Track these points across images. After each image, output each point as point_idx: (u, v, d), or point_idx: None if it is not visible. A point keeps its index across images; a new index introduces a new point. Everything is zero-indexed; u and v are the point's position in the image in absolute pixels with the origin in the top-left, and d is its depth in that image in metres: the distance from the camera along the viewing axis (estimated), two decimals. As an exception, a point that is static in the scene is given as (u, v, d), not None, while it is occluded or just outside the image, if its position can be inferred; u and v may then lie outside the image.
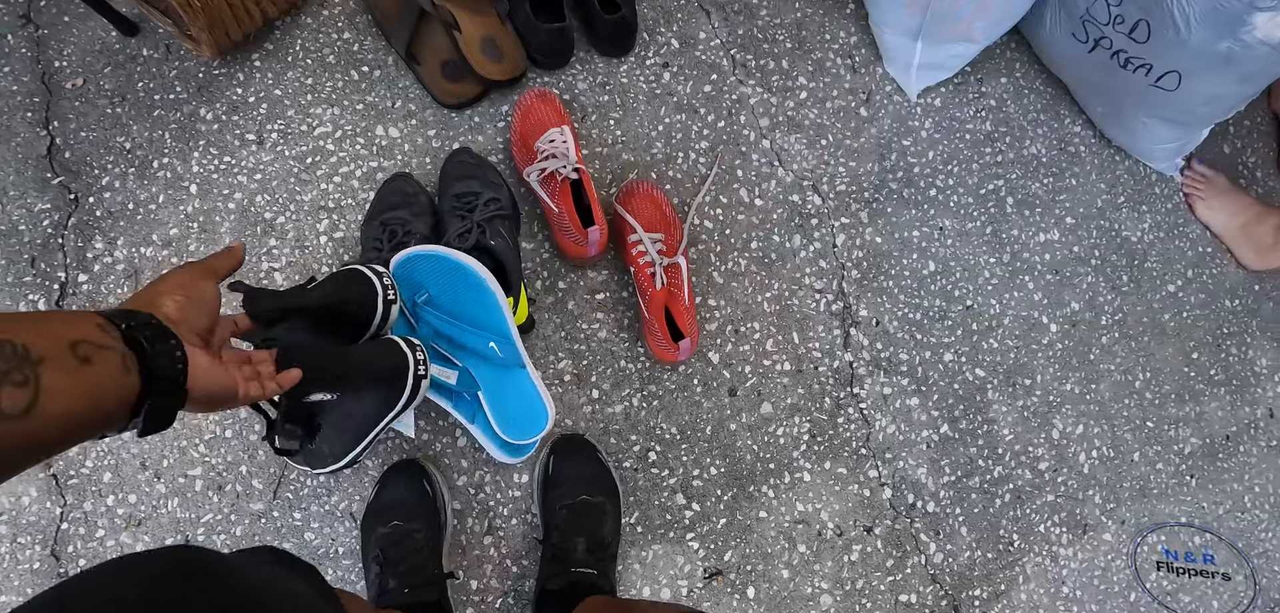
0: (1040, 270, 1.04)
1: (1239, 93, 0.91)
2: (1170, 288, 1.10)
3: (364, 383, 0.62)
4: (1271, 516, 1.08)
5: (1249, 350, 1.12)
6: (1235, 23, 0.76)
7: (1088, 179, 1.09)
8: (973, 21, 0.92)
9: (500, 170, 0.88)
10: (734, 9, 1.03)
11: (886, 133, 1.03)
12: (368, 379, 0.62)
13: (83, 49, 0.91)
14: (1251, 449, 1.08)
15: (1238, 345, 1.11)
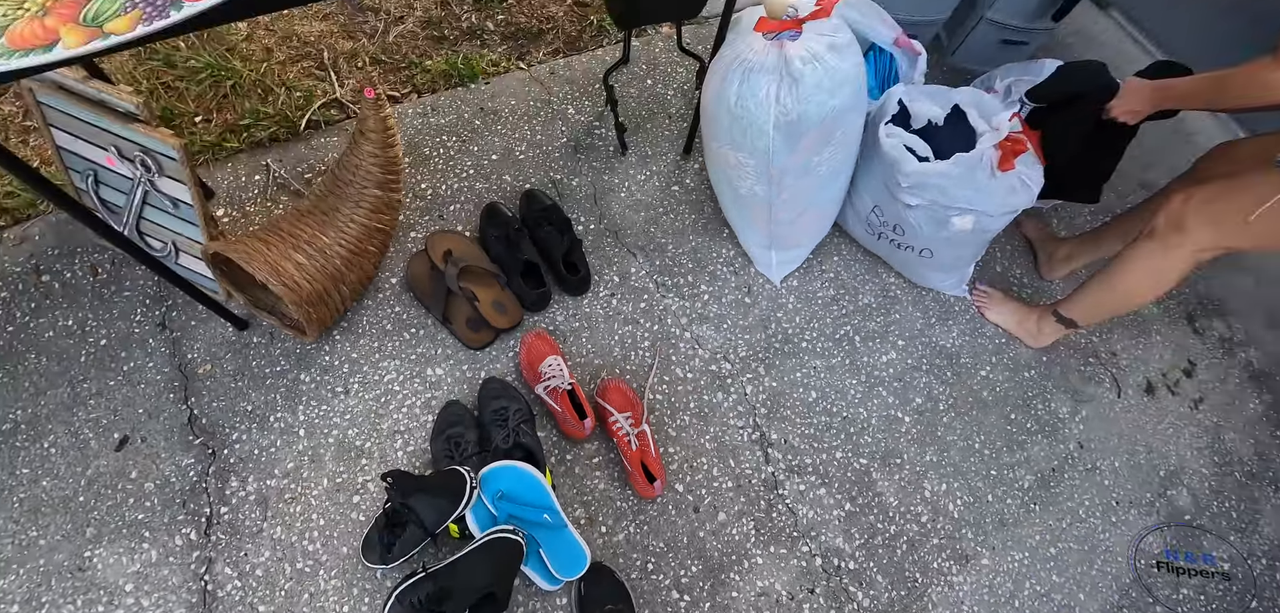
0: (888, 381, 1.50)
1: (971, 250, 1.45)
2: (982, 372, 1.57)
3: None
4: (1103, 521, 1.46)
5: (1051, 403, 1.57)
6: (943, 222, 1.30)
7: (907, 312, 1.60)
8: (801, 237, 1.46)
9: (517, 388, 1.30)
10: (651, 249, 1.55)
11: (765, 311, 1.52)
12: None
13: (208, 342, 1.30)
14: (1074, 474, 1.49)
15: (1041, 402, 1.57)
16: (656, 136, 1.73)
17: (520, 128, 1.69)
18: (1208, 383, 1.75)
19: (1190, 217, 1.15)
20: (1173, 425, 1.64)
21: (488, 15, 1.90)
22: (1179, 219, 1.16)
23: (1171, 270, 1.22)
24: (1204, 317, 1.89)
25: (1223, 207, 1.13)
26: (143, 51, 1.63)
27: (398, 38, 1.83)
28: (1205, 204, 1.14)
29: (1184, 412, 1.67)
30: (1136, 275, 1.28)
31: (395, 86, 1.74)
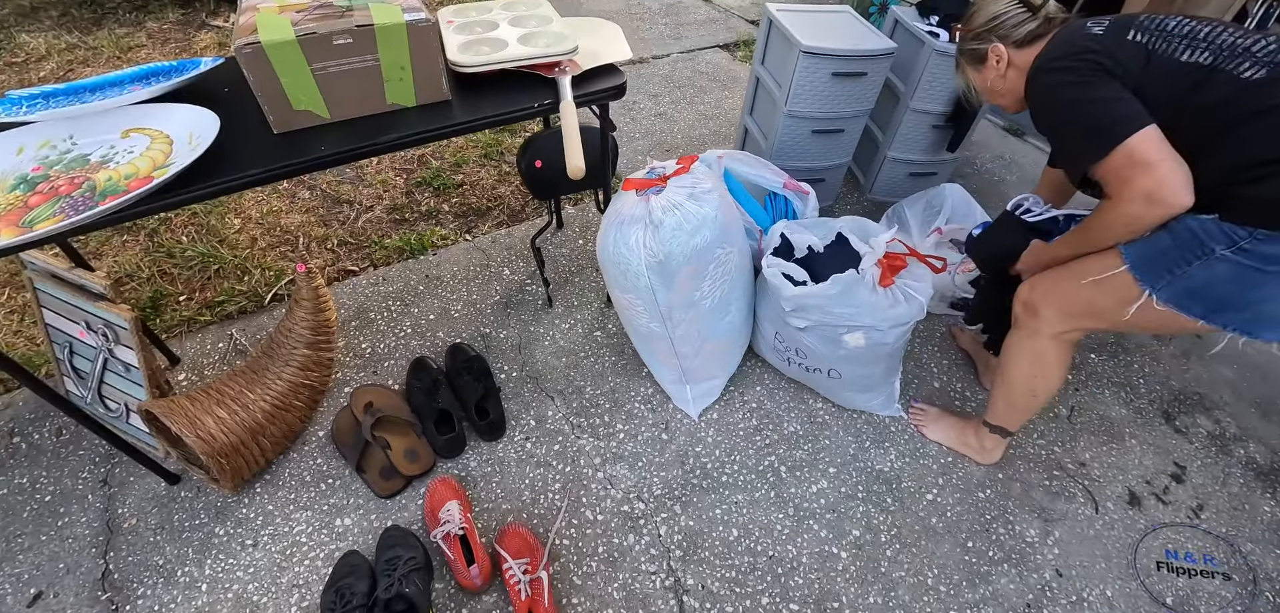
0: (820, 513, 1.41)
1: (880, 368, 1.43)
2: (928, 497, 1.46)
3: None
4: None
5: (1015, 526, 1.43)
6: (836, 341, 1.31)
7: (837, 437, 1.55)
8: (712, 369, 1.48)
9: (418, 536, 1.29)
10: (569, 392, 1.58)
11: (683, 446, 1.50)
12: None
13: (140, 497, 1.35)
14: (1055, 609, 1.31)
15: (1003, 525, 1.42)
16: (583, 289, 1.84)
17: (459, 290, 1.83)
18: (1205, 487, 1.58)
19: (1037, 300, 1.20)
20: (1172, 541, 1.45)
21: (444, 199, 2.15)
22: (1029, 304, 1.22)
23: (1045, 354, 1.22)
24: (1184, 413, 1.75)
25: (1062, 286, 1.16)
26: (149, 243, 1.91)
27: (366, 223, 2.07)
28: (1050, 288, 1.18)
29: (1181, 522, 1.49)
30: (1019, 366, 1.28)
31: (356, 262, 1.94)
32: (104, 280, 1.28)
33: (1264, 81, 0.88)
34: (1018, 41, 1.16)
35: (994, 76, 1.22)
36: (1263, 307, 0.94)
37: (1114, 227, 1.02)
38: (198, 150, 0.96)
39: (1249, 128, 0.90)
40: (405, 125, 1.09)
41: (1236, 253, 0.92)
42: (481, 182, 2.24)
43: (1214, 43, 0.94)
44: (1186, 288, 0.98)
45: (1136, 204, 0.95)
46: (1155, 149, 0.91)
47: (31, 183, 0.97)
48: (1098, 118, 0.96)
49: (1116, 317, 1.09)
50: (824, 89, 1.83)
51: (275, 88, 1.01)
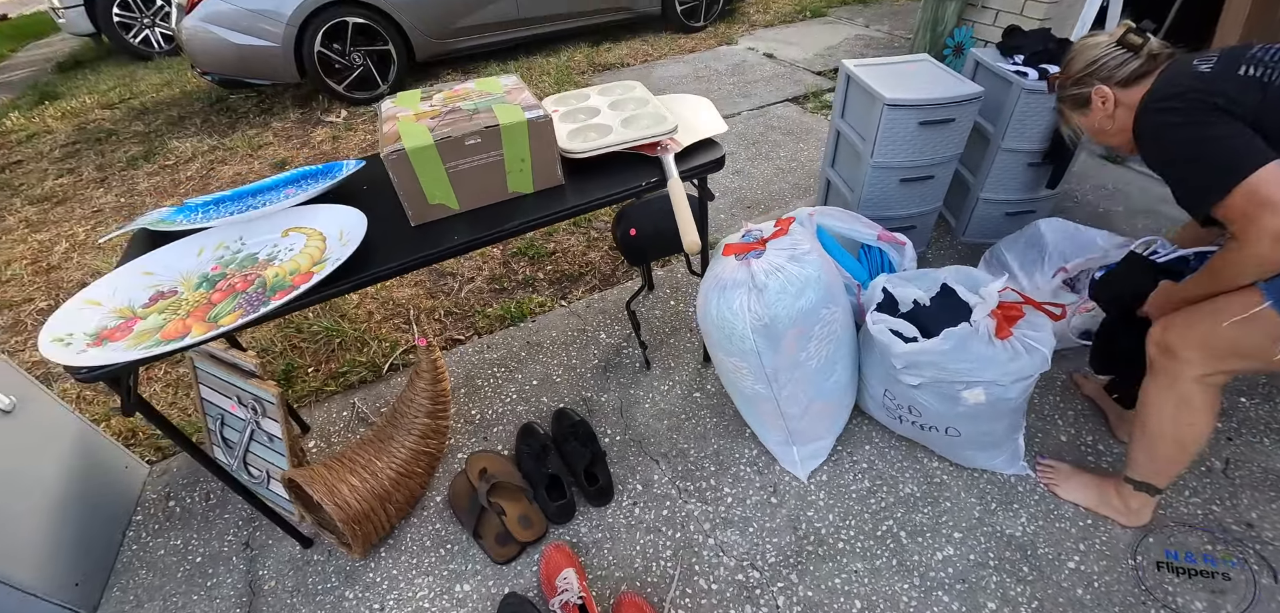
0: (949, 583, 1.31)
1: (1003, 424, 1.34)
2: (1070, 565, 1.34)
3: None
4: None
5: (1178, 600, 1.26)
6: (954, 398, 1.25)
7: (959, 498, 1.45)
8: (819, 429, 1.45)
9: (536, 604, 1.32)
10: (673, 455, 1.59)
11: (794, 510, 1.46)
12: None
13: (278, 560, 1.46)
14: None
15: (1163, 597, 1.26)
16: (679, 350, 1.86)
17: (559, 355, 1.90)
18: None
19: (1175, 341, 1.12)
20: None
21: (539, 267, 2.26)
22: (1166, 346, 1.13)
23: (1191, 400, 1.12)
24: (1365, 464, 1.52)
25: (1203, 326, 1.08)
26: (282, 320, 2.11)
27: (468, 293, 2.20)
28: (1184, 326, 1.10)
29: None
30: (1161, 414, 1.17)
31: (461, 331, 2.06)
32: (254, 359, 1.43)
33: None
34: (1123, 81, 1.13)
35: (1102, 118, 1.18)
36: None
37: (1244, 267, 0.98)
38: (350, 247, 1.07)
39: None
40: (526, 211, 1.17)
41: None
42: (572, 249, 2.34)
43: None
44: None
45: (1264, 244, 0.92)
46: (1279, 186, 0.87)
47: (212, 282, 1.11)
48: (1214, 156, 0.94)
49: (1268, 357, 1.01)
50: (911, 138, 1.81)
51: (414, 186, 1.12)
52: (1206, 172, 0.96)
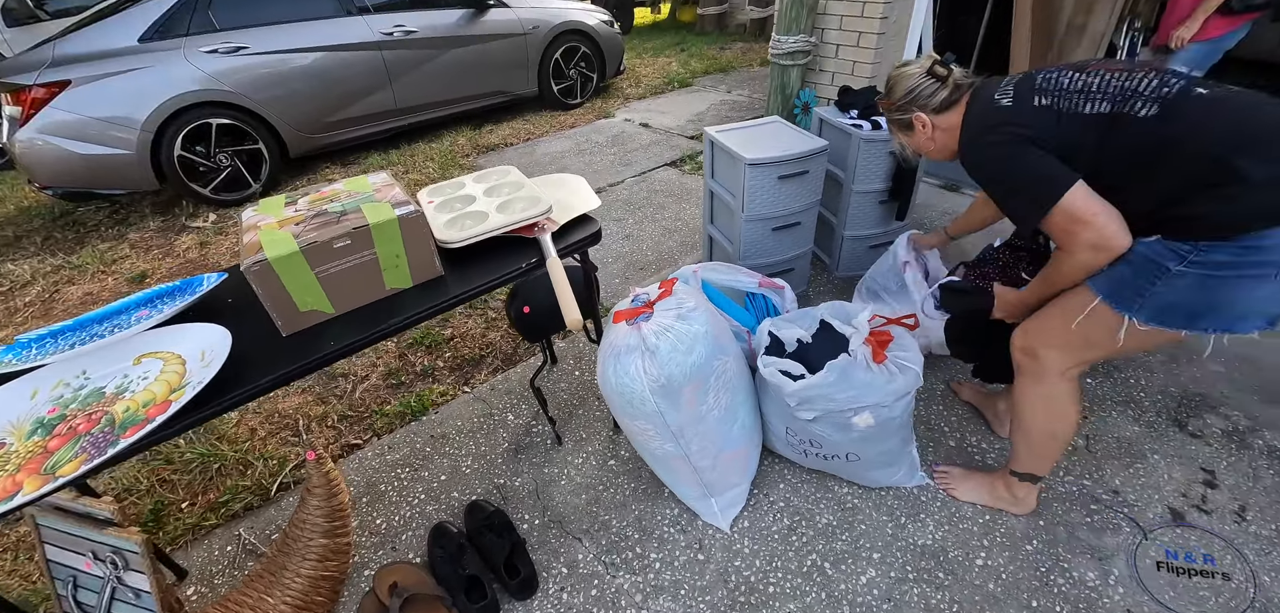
0: (876, 605, 1.34)
1: (895, 441, 1.43)
2: (979, 562, 1.42)
3: None
4: None
5: (1072, 571, 1.38)
6: (846, 425, 1.32)
7: (872, 518, 1.51)
8: (733, 477, 1.47)
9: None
10: (595, 530, 1.54)
11: (722, 563, 1.45)
12: None
13: None
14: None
15: (1061, 575, 1.37)
16: (588, 420, 1.84)
17: (466, 444, 1.81)
18: (1239, 486, 1.57)
19: (1034, 344, 1.26)
20: (1228, 551, 1.41)
21: (437, 356, 2.18)
22: (1028, 350, 1.27)
23: (1057, 395, 1.26)
24: (1193, 417, 1.76)
25: (1051, 326, 1.22)
26: (146, 455, 1.87)
27: (363, 394, 2.07)
28: (1038, 328, 1.25)
29: (1232, 530, 1.46)
30: (1033, 412, 1.31)
31: (358, 435, 1.92)
32: (111, 505, 1.24)
33: (1158, 117, 0.99)
34: (936, 108, 1.28)
35: (923, 139, 1.35)
36: (1231, 306, 1.00)
37: (1071, 273, 1.14)
38: (212, 368, 0.98)
39: (1160, 163, 0.99)
40: (406, 307, 1.13)
41: (1189, 266, 0.99)
42: (471, 332, 2.28)
43: (1108, 91, 1.04)
44: (1159, 306, 1.05)
45: (1084, 253, 1.07)
46: (1086, 204, 1.03)
47: (49, 426, 0.97)
48: (1031, 184, 1.08)
49: (1111, 345, 1.14)
50: (773, 191, 1.97)
51: (283, 295, 1.05)
52: (1027, 197, 1.09)
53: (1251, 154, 0.92)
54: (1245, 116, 0.95)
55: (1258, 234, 0.92)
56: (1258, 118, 0.95)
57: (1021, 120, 1.10)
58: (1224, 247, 0.95)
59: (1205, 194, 0.96)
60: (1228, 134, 0.94)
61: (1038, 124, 1.08)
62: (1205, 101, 0.97)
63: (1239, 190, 0.93)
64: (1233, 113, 0.96)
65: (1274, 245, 0.92)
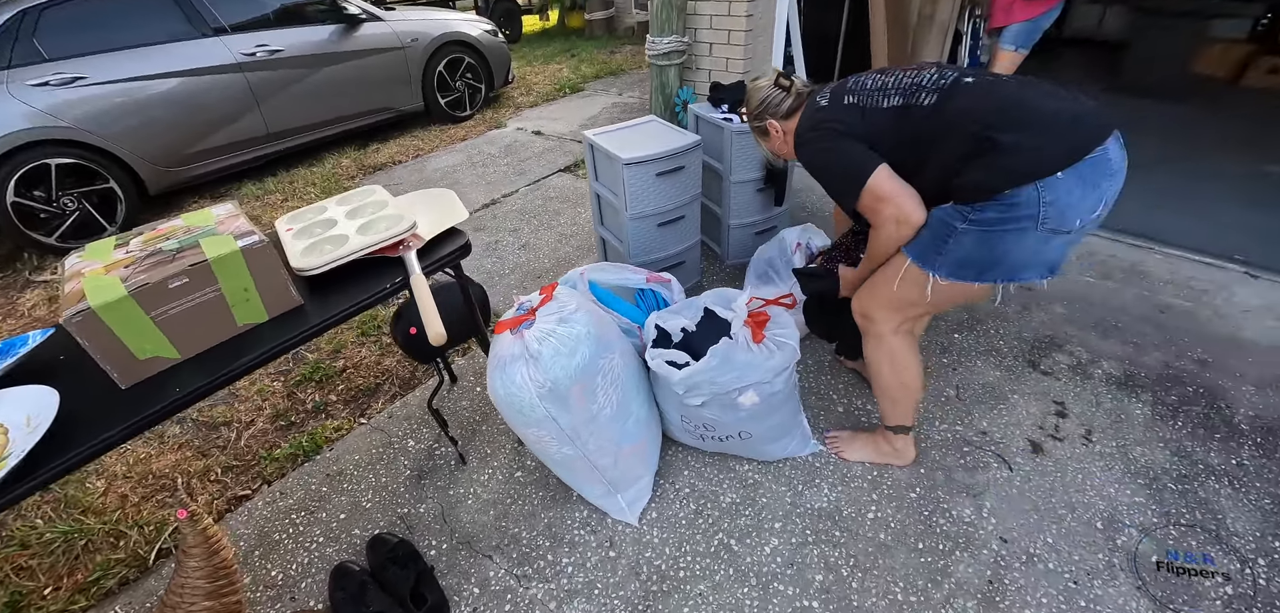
0: (780, 572, 1.40)
1: (782, 415, 1.50)
2: (870, 515, 1.51)
3: None
4: (1073, 609, 1.31)
5: (952, 511, 1.50)
6: (733, 406, 1.37)
7: (772, 491, 1.58)
8: (636, 470, 1.49)
9: None
10: (506, 545, 1.51)
11: (633, 557, 1.47)
12: None
13: None
14: (1012, 574, 1.36)
15: (941, 516, 1.49)
16: (492, 435, 1.81)
17: (365, 478, 1.73)
18: (1085, 413, 1.77)
19: (867, 308, 1.40)
20: (1079, 472, 1.60)
21: (329, 389, 2.06)
22: (865, 314, 1.41)
23: (896, 350, 1.41)
24: (1044, 357, 1.97)
25: (878, 292, 1.37)
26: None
27: (249, 440, 1.92)
28: (869, 295, 1.39)
29: (1080, 452, 1.65)
30: (881, 369, 1.45)
31: (247, 485, 1.78)
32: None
33: (937, 106, 1.16)
34: (784, 115, 1.44)
35: (779, 143, 1.49)
36: (1008, 257, 1.15)
37: (884, 245, 1.28)
38: (37, 433, 0.88)
39: (941, 142, 1.16)
40: (262, 342, 1.07)
41: (970, 224, 1.14)
42: (365, 361, 2.17)
43: (900, 87, 1.22)
44: (953, 261, 1.19)
45: (889, 226, 1.23)
46: (887, 183, 1.19)
47: None
48: (844, 170, 1.24)
49: (922, 299, 1.28)
50: (654, 188, 2.02)
51: (115, 345, 0.95)
52: (842, 181, 1.26)
53: (1002, 127, 1.08)
54: (999, 97, 1.12)
55: (1013, 191, 1.07)
56: (1006, 97, 1.12)
57: (835, 117, 1.25)
58: (991, 205, 1.10)
59: (974, 164, 1.11)
60: (986, 113, 1.11)
61: (848, 120, 1.24)
62: (970, 88, 1.14)
63: (995, 158, 1.08)
64: (989, 95, 1.13)
65: (1026, 199, 1.06)
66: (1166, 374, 1.91)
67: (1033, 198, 1.06)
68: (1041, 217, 1.06)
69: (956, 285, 1.22)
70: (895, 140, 1.20)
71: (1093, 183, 1.05)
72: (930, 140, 1.16)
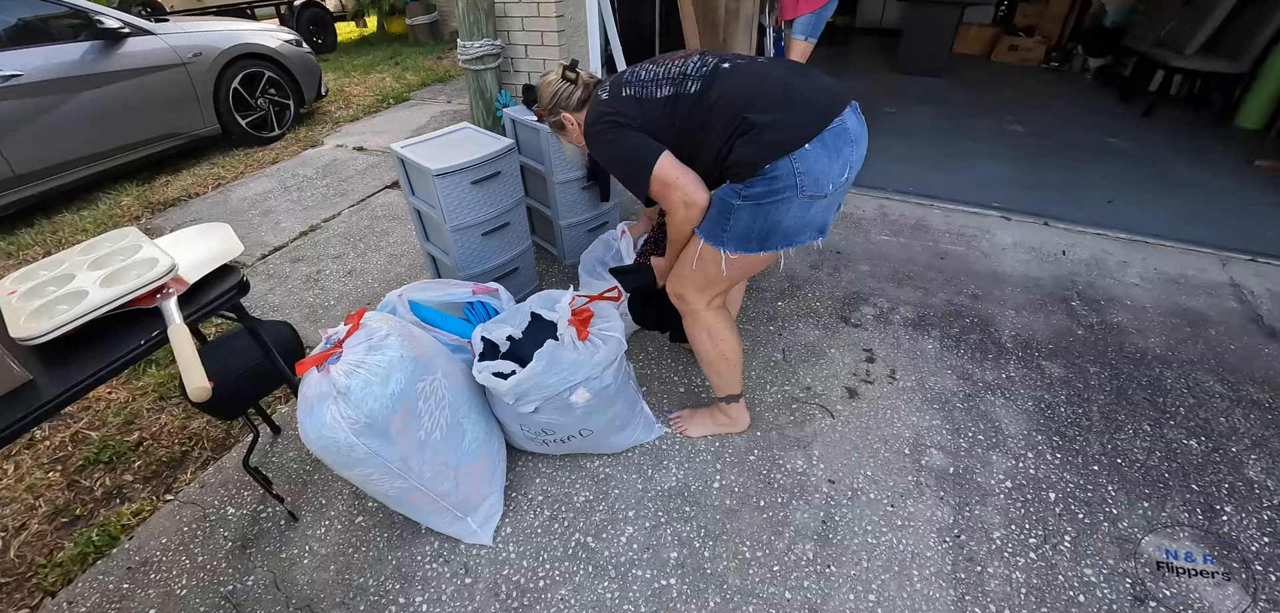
0: (637, 557, 1.44)
1: (619, 406, 1.53)
2: (716, 484, 1.60)
3: None
4: (893, 531, 1.47)
5: (786, 465, 1.64)
6: (567, 406, 1.38)
7: (624, 481, 1.62)
8: (482, 489, 1.45)
9: None
10: (351, 598, 1.39)
11: (491, 578, 1.42)
12: None
13: None
14: (840, 510, 1.52)
15: (778, 471, 1.62)
16: (326, 483, 1.66)
17: (177, 562, 1.50)
18: (889, 355, 2.03)
19: (678, 289, 1.49)
20: (888, 408, 1.82)
21: (124, 469, 1.76)
22: (678, 295, 1.50)
23: (711, 324, 1.50)
24: (854, 310, 2.23)
25: (683, 273, 1.45)
26: None
27: (21, 548, 1.59)
28: (676, 276, 1.48)
29: (887, 390, 1.88)
30: (701, 343, 1.54)
31: (25, 601, 1.47)
32: None
33: (701, 92, 1.25)
34: (576, 106, 1.46)
35: (575, 135, 1.51)
36: (781, 225, 1.26)
37: (679, 229, 1.37)
38: None
39: (708, 127, 1.24)
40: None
41: (744, 201, 1.24)
42: (167, 428, 1.88)
43: (671, 77, 1.28)
44: (737, 235, 1.29)
45: (680, 210, 1.30)
46: (671, 170, 1.26)
47: None
48: (630, 160, 1.30)
49: (720, 274, 1.38)
50: (471, 198, 1.97)
51: None
52: (630, 172, 1.30)
53: (757, 109, 1.19)
54: (753, 80, 1.23)
55: (771, 165, 1.18)
56: (758, 81, 1.23)
57: (616, 110, 1.30)
58: (758, 180, 1.21)
59: (738, 142, 1.21)
60: (743, 95, 1.21)
61: (628, 111, 1.29)
62: (728, 74, 1.24)
63: (754, 136, 1.19)
64: (746, 78, 1.23)
65: (783, 172, 1.19)
66: (949, 311, 2.25)
67: (789, 169, 1.17)
68: (799, 185, 1.18)
69: (747, 257, 1.32)
70: (670, 127, 1.27)
71: (835, 150, 1.19)
72: (699, 126, 1.24)
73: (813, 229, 1.28)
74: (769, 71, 1.25)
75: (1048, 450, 1.68)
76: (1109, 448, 1.69)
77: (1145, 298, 2.33)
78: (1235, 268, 2.51)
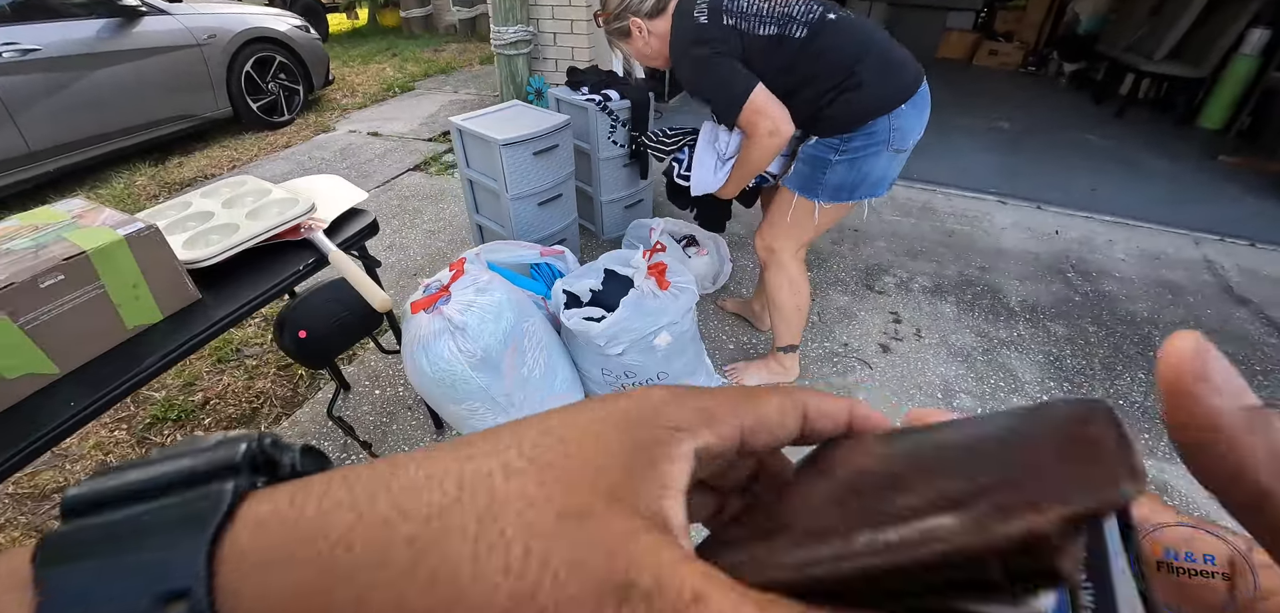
0: (698, 493, 1.58)
1: (690, 353, 1.65)
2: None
3: None
4: None
5: None
6: (650, 348, 1.49)
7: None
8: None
9: None
10: None
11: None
12: None
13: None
14: None
15: None
16: (405, 431, 1.74)
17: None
18: (915, 317, 2.20)
19: (771, 241, 1.60)
20: (918, 360, 1.99)
21: (192, 428, 1.80)
22: (768, 246, 1.61)
23: (794, 274, 1.62)
24: (877, 279, 2.41)
25: (777, 225, 1.57)
26: None
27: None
28: (769, 229, 1.60)
29: (916, 346, 2.06)
30: (781, 293, 1.66)
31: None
32: None
33: (808, 38, 1.31)
34: (648, 14, 1.44)
35: (640, 44, 1.49)
36: (869, 176, 1.41)
37: (759, 157, 1.42)
38: None
39: (812, 73, 1.33)
40: (159, 344, 0.95)
41: (840, 155, 1.38)
42: (232, 389, 1.92)
43: (776, 16, 1.31)
44: (831, 187, 1.42)
45: (764, 138, 1.35)
46: (764, 101, 1.32)
47: None
48: (727, 88, 1.34)
49: (811, 224, 1.52)
50: (532, 168, 2.06)
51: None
52: (725, 99, 1.35)
53: (867, 65, 1.30)
54: (861, 36, 1.33)
55: (872, 122, 1.32)
56: (866, 38, 1.33)
57: (716, 36, 1.33)
58: (857, 135, 1.34)
59: (845, 95, 1.31)
60: (853, 49, 1.30)
61: (728, 40, 1.33)
62: (837, 26, 1.31)
63: (861, 93, 1.31)
64: (855, 33, 1.32)
65: (881, 128, 1.33)
66: (961, 280, 2.44)
67: (886, 126, 1.32)
68: (890, 140, 1.33)
69: (836, 207, 1.45)
70: (769, 65, 1.32)
71: (920, 110, 1.35)
72: (802, 71, 1.32)
73: (887, 182, 1.43)
74: (872, 31, 1.34)
75: (1059, 394, 1.86)
76: (1111, 392, 1.88)
77: (1131, 271, 2.55)
78: (1208, 247, 2.77)
